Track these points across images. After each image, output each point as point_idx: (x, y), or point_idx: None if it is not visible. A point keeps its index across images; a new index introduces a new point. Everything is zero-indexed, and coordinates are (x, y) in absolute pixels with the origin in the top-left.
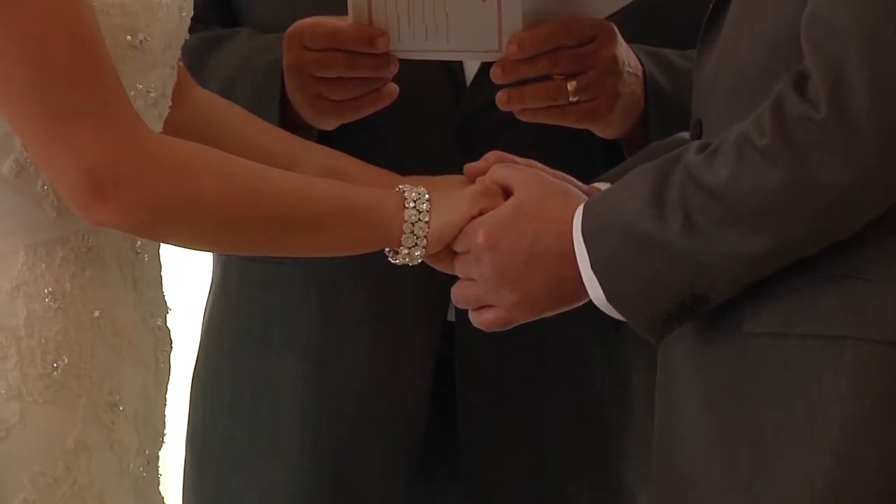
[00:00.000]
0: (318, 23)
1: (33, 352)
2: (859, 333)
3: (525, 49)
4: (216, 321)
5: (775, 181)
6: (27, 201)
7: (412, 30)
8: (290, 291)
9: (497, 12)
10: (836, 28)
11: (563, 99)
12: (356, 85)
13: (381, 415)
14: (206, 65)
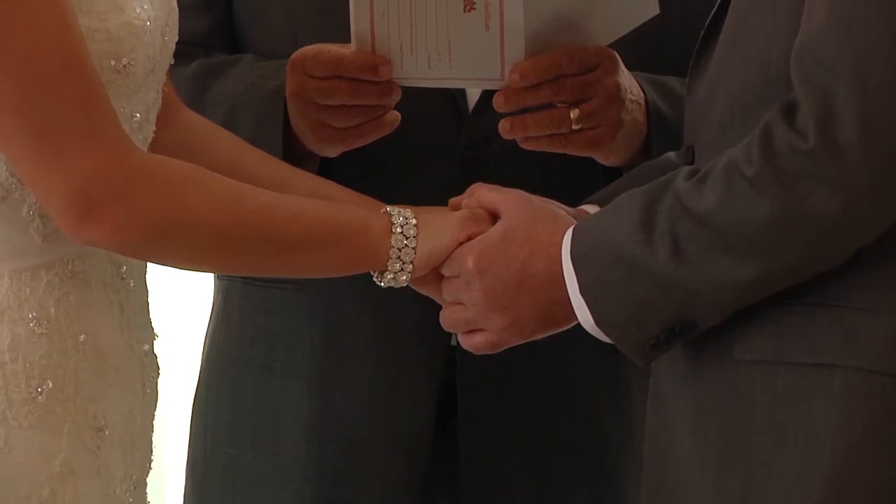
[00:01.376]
0: (321, 50)
1: (18, 376)
2: (850, 362)
3: (528, 78)
4: (217, 347)
5: (763, 210)
6: (12, 226)
7: (415, 58)
8: (294, 317)
9: (499, 41)
10: (826, 60)
11: (566, 127)
12: (359, 112)
13: (385, 440)
14: (208, 91)
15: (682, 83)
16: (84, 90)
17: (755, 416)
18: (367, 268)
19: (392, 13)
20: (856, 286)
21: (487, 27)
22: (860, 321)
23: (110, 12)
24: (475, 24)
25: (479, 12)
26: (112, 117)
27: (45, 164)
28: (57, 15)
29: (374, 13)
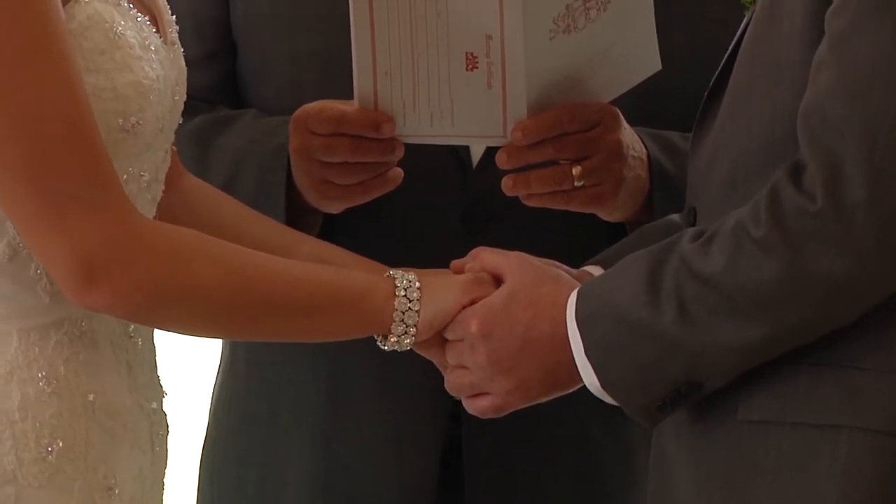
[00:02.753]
0: (325, 107)
1: (27, 436)
2: (856, 423)
3: (530, 136)
4: (224, 402)
5: (771, 272)
6: (20, 286)
7: (417, 115)
8: (300, 371)
9: (502, 99)
10: (834, 121)
11: (569, 184)
12: (362, 169)
13: (389, 493)
14: (211, 146)
15: (685, 138)
16: (88, 159)
17: (759, 477)
18: (370, 332)
19: (395, 71)
20: (862, 346)
21: (490, 85)
22: (866, 381)
23: (118, 71)
24: (477, 82)
25: (481, 71)
26: (115, 185)
27: (48, 231)
28: (63, 83)
29: (377, 71)
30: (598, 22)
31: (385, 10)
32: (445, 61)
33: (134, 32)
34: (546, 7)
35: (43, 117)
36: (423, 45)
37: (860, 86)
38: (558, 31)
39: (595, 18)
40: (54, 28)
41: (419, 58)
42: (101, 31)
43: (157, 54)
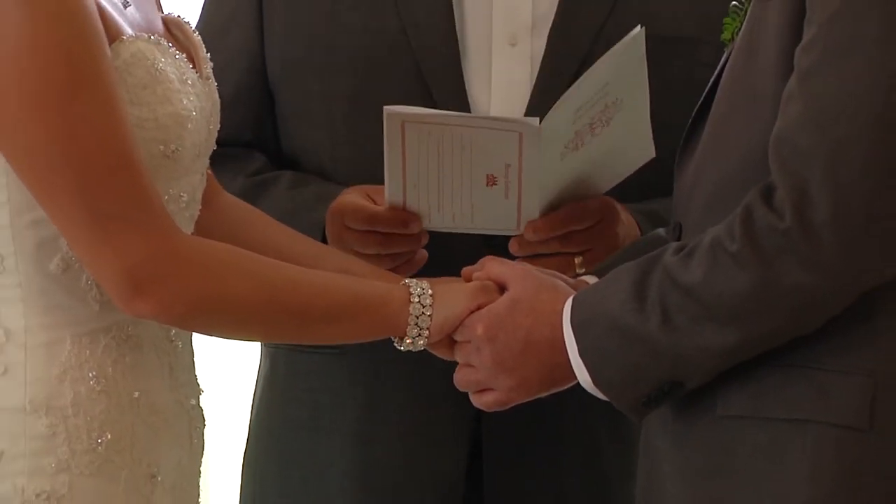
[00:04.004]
0: (359, 207)
1: (80, 429)
2: (822, 418)
3: (540, 234)
4: (265, 409)
5: (744, 283)
6: (73, 296)
7: (441, 215)
8: (337, 381)
9: (517, 204)
10: (802, 148)
11: (570, 273)
12: (391, 258)
13: (421, 489)
14: None
15: (669, 206)
16: (133, 183)
17: (735, 467)
18: (388, 334)
19: (422, 184)
20: (827, 350)
21: (507, 197)
22: (831, 381)
23: (159, 103)
24: (496, 195)
25: (500, 187)
26: (159, 205)
27: (99, 247)
28: (110, 116)
29: (406, 183)
30: (602, 135)
31: (416, 145)
32: (468, 180)
33: (173, 68)
34: (559, 139)
35: (92, 146)
36: (448, 168)
37: (826, 117)
38: (568, 152)
39: (599, 133)
40: (101, 66)
41: (444, 177)
42: (144, 67)
43: (194, 88)
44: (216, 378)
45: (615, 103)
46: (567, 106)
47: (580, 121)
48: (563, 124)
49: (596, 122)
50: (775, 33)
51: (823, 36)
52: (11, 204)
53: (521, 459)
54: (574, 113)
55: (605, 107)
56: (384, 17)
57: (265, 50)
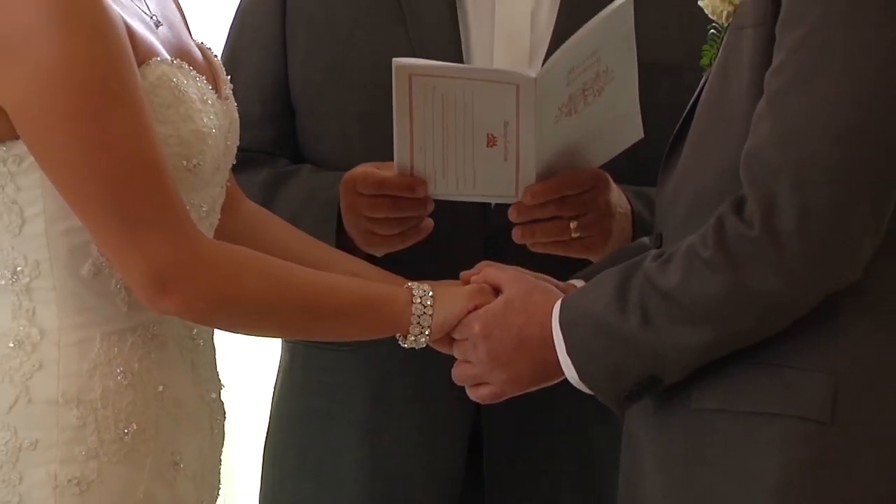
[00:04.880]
0: (369, 173)
1: (108, 420)
2: (789, 412)
3: (537, 198)
4: (285, 399)
5: (717, 287)
6: (102, 298)
7: (446, 180)
8: (350, 375)
9: (515, 168)
10: (770, 164)
11: (567, 236)
12: (399, 223)
13: (425, 474)
14: (276, 197)
15: None
16: (159, 192)
17: (709, 456)
18: (392, 332)
19: (427, 148)
20: (794, 349)
21: (506, 158)
22: (798, 377)
23: (182, 122)
24: (496, 156)
25: (499, 147)
26: (183, 211)
27: (128, 249)
28: (138, 131)
29: (414, 147)
30: (594, 105)
31: (421, 101)
32: (470, 140)
33: (194, 90)
34: (553, 98)
35: (122, 158)
36: (451, 127)
37: (792, 136)
38: (562, 116)
39: (591, 102)
40: (130, 83)
41: (448, 137)
42: (168, 88)
43: (213, 107)
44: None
45: (606, 72)
46: (560, 64)
47: (573, 84)
48: (556, 83)
49: (588, 89)
50: (748, 59)
51: (791, 62)
52: (46, 213)
53: (518, 450)
54: (567, 74)
55: (596, 74)
56: (395, 44)
57: (287, 70)
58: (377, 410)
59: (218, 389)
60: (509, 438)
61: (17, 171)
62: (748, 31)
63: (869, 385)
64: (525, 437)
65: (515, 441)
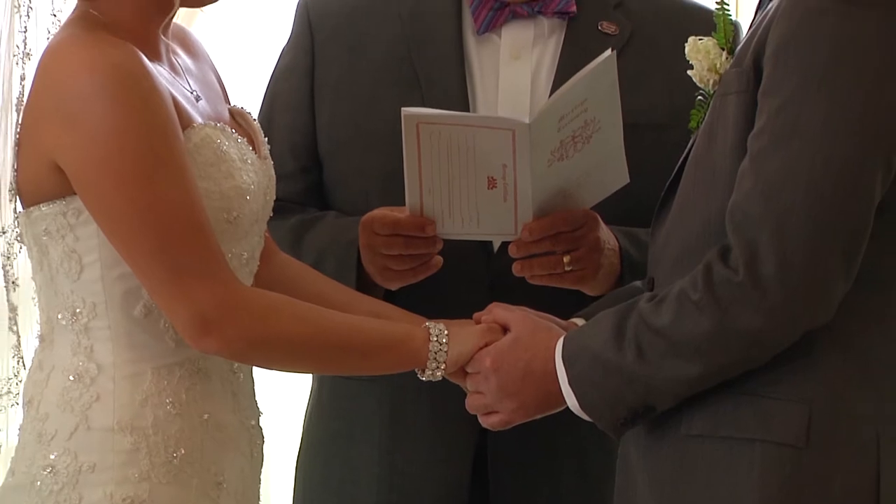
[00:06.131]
0: (384, 215)
1: (158, 445)
2: (768, 438)
3: (534, 235)
4: (314, 422)
5: (705, 326)
6: (153, 336)
7: (452, 220)
8: (369, 402)
9: (514, 208)
10: (753, 215)
11: (560, 269)
12: (412, 259)
13: (435, 490)
14: (303, 240)
15: (646, 232)
16: (202, 243)
17: (696, 477)
18: (412, 367)
19: (435, 190)
20: (772, 381)
21: (505, 199)
22: (776, 406)
23: (223, 178)
24: (496, 197)
25: (499, 189)
26: (223, 261)
27: (174, 295)
28: (183, 189)
29: (423, 189)
30: (583, 151)
31: (428, 146)
32: (473, 182)
33: (235, 150)
34: (545, 143)
35: (169, 215)
36: (456, 170)
37: (772, 191)
38: (554, 160)
39: (581, 149)
40: (176, 148)
41: (453, 180)
42: (211, 149)
43: (252, 166)
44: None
45: (593, 122)
46: (551, 112)
47: (563, 131)
48: (548, 129)
49: (577, 136)
50: (732, 122)
51: (771, 125)
52: (102, 261)
53: (520, 467)
54: (558, 121)
55: (584, 122)
56: (411, 106)
57: (316, 129)
58: (394, 433)
59: (256, 416)
60: (513, 458)
61: (76, 223)
62: (732, 98)
63: (840, 413)
64: (527, 458)
65: (518, 461)
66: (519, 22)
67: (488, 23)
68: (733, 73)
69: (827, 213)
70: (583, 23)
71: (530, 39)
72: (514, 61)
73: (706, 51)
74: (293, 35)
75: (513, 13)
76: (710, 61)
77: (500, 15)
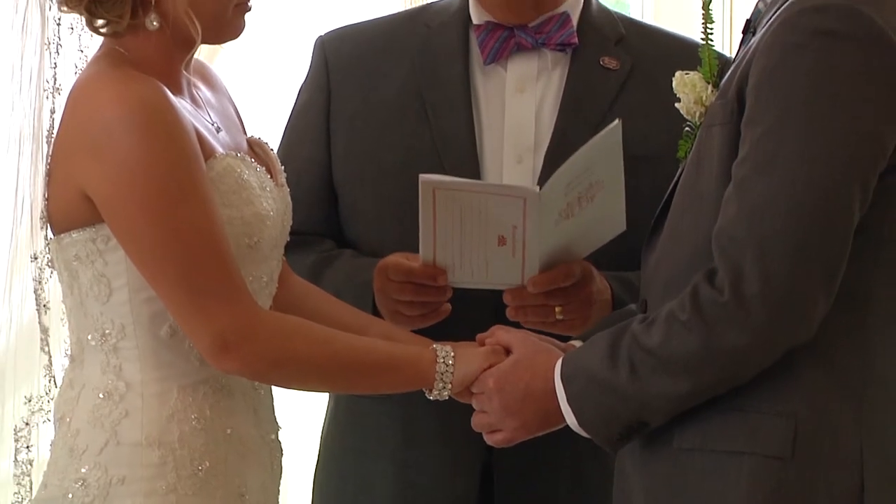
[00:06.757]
0: (399, 262)
1: (184, 459)
2: (755, 450)
3: (538, 288)
4: (330, 438)
5: (693, 344)
6: (178, 355)
7: (462, 270)
8: (382, 420)
9: (521, 262)
10: (737, 240)
11: (552, 318)
12: (422, 305)
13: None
14: (322, 277)
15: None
16: (223, 268)
17: (688, 488)
18: (420, 386)
19: (448, 245)
20: (759, 396)
21: (514, 255)
22: (762, 420)
23: (245, 205)
24: (506, 253)
25: (508, 246)
26: (242, 286)
27: (196, 318)
28: (205, 217)
29: (437, 245)
30: (587, 208)
31: (443, 209)
32: (484, 240)
33: (254, 178)
34: (554, 207)
35: (191, 243)
36: (468, 230)
37: (755, 216)
38: (561, 220)
39: (585, 207)
40: (199, 178)
41: (465, 238)
42: (232, 177)
43: (271, 193)
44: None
45: (598, 183)
46: (560, 180)
47: (570, 194)
48: (557, 195)
49: (583, 197)
50: (718, 152)
51: (754, 154)
52: (130, 284)
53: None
54: (565, 187)
55: (589, 184)
56: (422, 139)
57: (332, 161)
58: (405, 448)
59: (276, 431)
60: (517, 472)
61: (105, 249)
62: (717, 129)
63: (823, 426)
64: (530, 471)
65: (522, 474)
66: (524, 55)
67: (494, 54)
68: (718, 105)
69: (807, 236)
70: (585, 57)
71: (535, 73)
72: (519, 94)
73: (692, 84)
74: (310, 72)
75: (518, 45)
76: (697, 94)
77: (505, 46)
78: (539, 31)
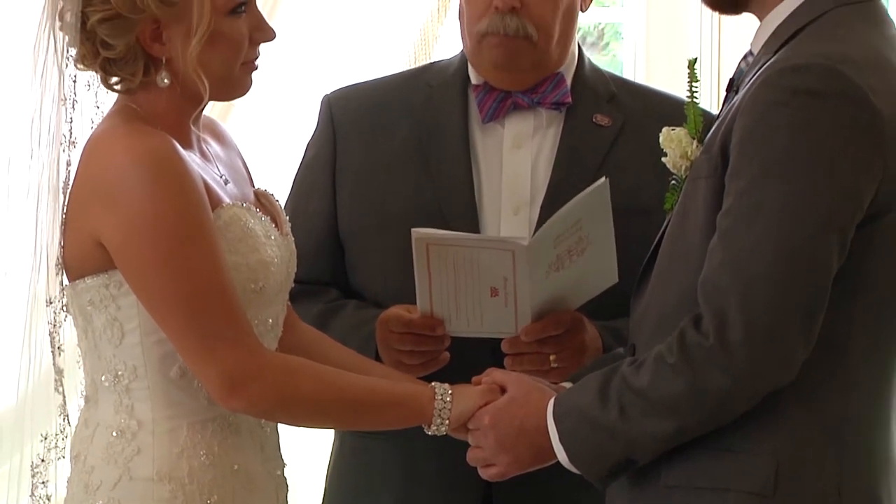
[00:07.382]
0: (399, 314)
1: (194, 493)
2: (737, 487)
3: (530, 337)
4: (336, 475)
5: (679, 386)
6: (188, 395)
7: (459, 320)
8: (385, 456)
9: (514, 312)
10: (721, 287)
11: (546, 366)
12: (422, 354)
13: None
14: (328, 327)
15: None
16: (230, 312)
17: None
18: (419, 423)
19: (444, 296)
20: (743, 435)
21: (506, 305)
22: (745, 459)
23: (250, 252)
24: (499, 303)
25: (500, 297)
26: (248, 328)
27: (203, 358)
28: (213, 263)
29: (433, 297)
30: (577, 262)
31: (437, 263)
32: (477, 292)
33: (259, 227)
34: (543, 259)
35: (199, 288)
36: (462, 282)
37: (739, 265)
38: (551, 271)
39: (576, 260)
40: (206, 227)
41: (460, 290)
42: (238, 226)
43: (276, 241)
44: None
45: (587, 238)
46: (547, 233)
47: (560, 246)
48: (545, 248)
49: (573, 250)
50: (703, 204)
51: (737, 206)
52: (141, 328)
53: None
54: (554, 240)
55: (579, 239)
56: (424, 192)
57: (337, 216)
58: (407, 483)
59: (282, 467)
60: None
61: (118, 294)
62: (702, 182)
63: (804, 465)
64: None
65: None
66: (520, 113)
67: (492, 113)
68: (703, 159)
69: (788, 285)
70: (579, 115)
71: (531, 130)
72: (516, 150)
73: (678, 139)
74: (317, 128)
75: (514, 104)
76: (682, 149)
77: (503, 106)
78: (535, 92)
